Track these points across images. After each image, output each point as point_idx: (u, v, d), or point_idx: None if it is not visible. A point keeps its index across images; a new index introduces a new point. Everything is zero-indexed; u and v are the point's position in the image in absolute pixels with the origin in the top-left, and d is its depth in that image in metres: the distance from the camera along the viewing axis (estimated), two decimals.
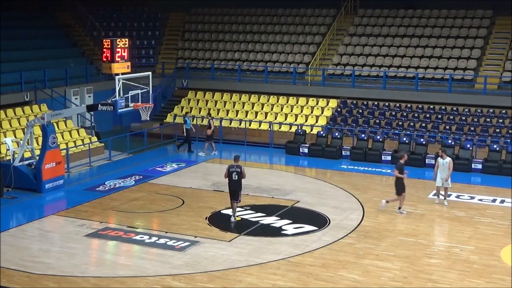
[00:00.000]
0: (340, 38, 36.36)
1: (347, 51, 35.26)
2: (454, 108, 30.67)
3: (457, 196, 22.36)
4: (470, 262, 16.23)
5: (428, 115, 30.72)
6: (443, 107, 30.89)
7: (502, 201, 21.84)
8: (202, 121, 32.04)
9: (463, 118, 30.12)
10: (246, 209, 20.53)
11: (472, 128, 29.35)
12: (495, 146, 26.95)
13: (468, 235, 18.36)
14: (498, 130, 28.87)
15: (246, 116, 32.97)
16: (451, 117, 30.33)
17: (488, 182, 24.41)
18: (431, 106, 31.13)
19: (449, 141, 27.44)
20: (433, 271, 15.63)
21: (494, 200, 21.95)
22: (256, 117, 32.75)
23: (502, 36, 33.58)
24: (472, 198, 22.22)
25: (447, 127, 29.62)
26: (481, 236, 18.33)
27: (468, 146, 27.13)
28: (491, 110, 29.95)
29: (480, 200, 21.94)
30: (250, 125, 32.03)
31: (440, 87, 31.84)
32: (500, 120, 29.40)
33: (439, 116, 30.50)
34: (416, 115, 30.87)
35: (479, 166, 26.20)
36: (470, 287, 14.77)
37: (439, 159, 21.22)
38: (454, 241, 17.85)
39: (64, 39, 36.34)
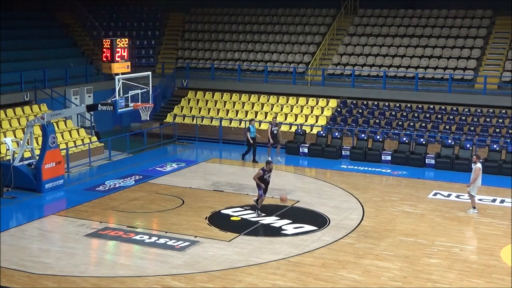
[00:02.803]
0: (340, 38, 36.37)
1: (347, 51, 35.27)
2: (454, 108, 30.68)
3: (457, 196, 22.37)
4: (470, 262, 16.23)
5: (428, 115, 30.72)
6: (443, 107, 30.90)
7: (502, 201, 21.85)
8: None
9: (463, 118, 30.13)
10: (246, 209, 20.55)
11: (472, 128, 29.36)
12: (495, 146, 26.95)
13: (468, 235, 18.36)
14: (498, 130, 28.87)
15: (246, 116, 32.97)
16: (451, 117, 30.33)
17: (488, 182, 24.35)
18: (431, 106, 31.13)
19: (449, 141, 27.46)
20: (432, 271, 15.63)
21: (494, 200, 21.95)
22: (256, 116, 32.75)
23: (502, 36, 33.59)
24: None
25: (447, 127, 29.63)
26: (481, 236, 18.34)
27: (468, 146, 27.13)
28: (491, 110, 29.95)
29: (480, 200, 21.92)
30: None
31: (440, 87, 31.85)
32: (500, 120, 29.40)
33: (439, 116, 30.51)
34: (416, 115, 30.87)
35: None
36: (470, 287, 14.77)
37: (472, 165, 20.80)
38: (454, 241, 17.85)
39: (64, 39, 36.35)
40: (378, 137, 28.84)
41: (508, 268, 15.82)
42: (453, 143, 27.48)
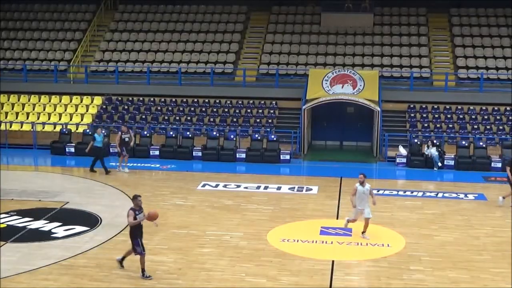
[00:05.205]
0: (101, 34, 35.95)
1: (110, 47, 34.96)
2: (217, 101, 31.77)
3: (225, 186, 23.17)
4: (240, 248, 16.89)
5: (192, 109, 31.48)
6: (206, 100, 31.86)
7: (266, 187, 23.03)
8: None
9: (226, 110, 31.33)
10: (11, 215, 19.56)
11: (234, 120, 30.63)
12: (256, 136, 28.37)
13: (237, 222, 19.12)
14: (270, 121, 30.36)
15: (6, 118, 31.34)
16: (215, 110, 31.38)
17: (253, 170, 25.46)
18: (195, 100, 31.94)
19: (214, 133, 28.43)
20: (205, 260, 16.03)
21: (258, 187, 23.08)
22: (17, 118, 31.29)
23: (257, 30, 35.56)
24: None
25: (211, 119, 30.63)
26: (249, 222, 19.17)
27: (232, 136, 28.29)
28: (251, 101, 31.43)
29: (246, 188, 22.89)
30: (11, 127, 30.55)
31: (203, 80, 32.79)
32: (260, 111, 30.95)
33: (203, 109, 31.41)
34: (181, 109, 31.51)
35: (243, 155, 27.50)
36: (241, 272, 15.37)
37: None
38: (224, 229, 18.47)
39: None
40: (145, 132, 29.00)
41: (275, 249, 16.75)
42: (217, 134, 28.48)
